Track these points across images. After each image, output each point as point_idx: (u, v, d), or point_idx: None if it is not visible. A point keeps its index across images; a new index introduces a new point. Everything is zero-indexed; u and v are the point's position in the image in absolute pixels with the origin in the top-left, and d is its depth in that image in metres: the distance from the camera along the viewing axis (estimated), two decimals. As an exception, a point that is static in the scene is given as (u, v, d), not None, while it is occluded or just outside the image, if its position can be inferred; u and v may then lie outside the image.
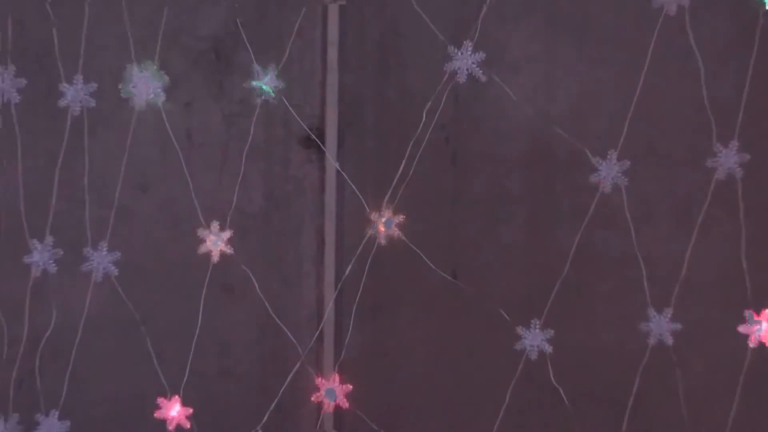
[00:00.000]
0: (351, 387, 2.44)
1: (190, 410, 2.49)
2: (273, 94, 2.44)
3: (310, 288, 2.77)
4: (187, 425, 2.50)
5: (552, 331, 2.36)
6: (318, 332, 2.70)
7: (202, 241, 2.42)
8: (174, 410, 2.47)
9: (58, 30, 2.40)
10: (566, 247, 2.42)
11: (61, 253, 2.42)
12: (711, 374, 2.54)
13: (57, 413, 2.46)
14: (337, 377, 2.47)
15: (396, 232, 2.36)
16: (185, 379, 2.47)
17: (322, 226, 2.74)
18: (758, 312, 2.25)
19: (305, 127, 2.57)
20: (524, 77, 2.62)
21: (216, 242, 2.42)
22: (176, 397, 2.46)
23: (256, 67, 2.40)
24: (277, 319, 2.55)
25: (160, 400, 2.45)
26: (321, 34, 2.68)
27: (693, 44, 2.29)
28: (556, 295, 2.49)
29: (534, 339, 2.39)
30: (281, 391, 2.54)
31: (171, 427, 2.46)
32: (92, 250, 2.43)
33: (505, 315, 2.41)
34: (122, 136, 2.45)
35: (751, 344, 2.25)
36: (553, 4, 2.72)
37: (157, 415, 2.48)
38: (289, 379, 2.55)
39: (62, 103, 2.35)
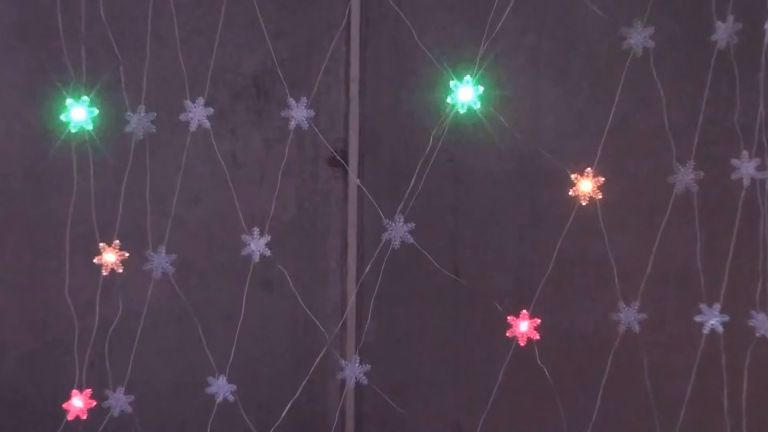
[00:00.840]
0: (369, 367, 2.54)
1: (234, 387, 2.54)
2: (305, 122, 2.51)
3: (335, 284, 2.91)
4: (231, 399, 2.54)
5: (538, 320, 2.45)
6: (342, 321, 2.88)
7: (245, 244, 2.51)
8: (222, 387, 2.52)
9: (124, 68, 2.49)
10: (550, 249, 2.52)
11: (126, 255, 2.49)
12: (671, 356, 2.69)
13: (123, 389, 2.52)
14: (357, 358, 2.56)
15: (407, 237, 2.47)
16: (230, 360, 2.56)
17: (345, 231, 2.90)
18: (710, 305, 2.41)
19: (331, 150, 2.75)
20: (514, 108, 2.70)
21: (256, 245, 2.50)
22: (222, 375, 2.53)
23: (290, 99, 2.48)
24: (307, 310, 2.66)
25: (210, 378, 2.53)
26: (344, 72, 2.79)
27: (656, 79, 2.41)
28: (542, 289, 2.56)
29: (523, 327, 2.49)
30: (311, 370, 2.64)
31: (219, 400, 2.52)
32: (152, 253, 2.52)
33: (499, 307, 2.51)
34: (178, 157, 2.55)
35: (705, 331, 2.41)
36: (538, 47, 2.81)
37: (207, 390, 2.52)
38: (317, 360, 2.66)
39: (128, 129, 2.47)
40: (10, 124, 2.82)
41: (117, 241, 2.58)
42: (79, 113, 2.54)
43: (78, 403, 2.54)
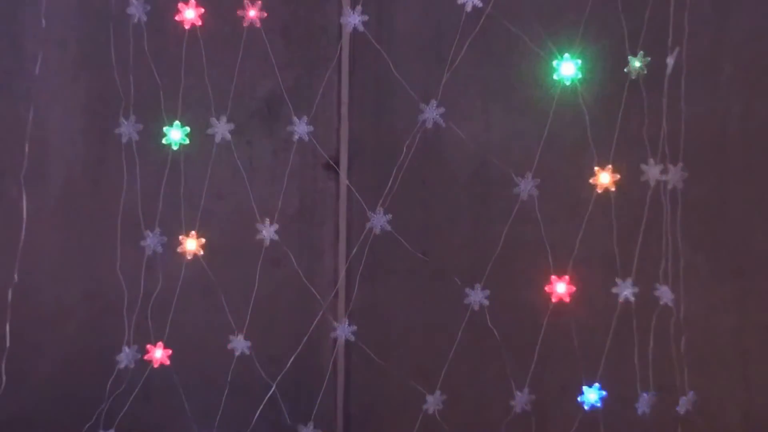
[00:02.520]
0: (356, 327, 2.73)
1: (249, 343, 2.70)
2: (306, 136, 2.70)
3: (329, 262, 2.95)
4: (248, 353, 2.70)
5: (488, 291, 2.65)
6: (334, 291, 2.93)
7: (259, 231, 2.68)
8: (240, 343, 2.69)
9: (163, 92, 2.66)
10: (498, 236, 2.69)
11: (165, 239, 2.69)
12: (594, 320, 2.72)
13: (162, 344, 2.69)
14: (346, 321, 2.74)
15: (386, 225, 2.66)
16: (246, 322, 2.71)
17: (337, 221, 2.95)
18: (624, 279, 2.61)
19: (326, 157, 2.85)
20: (470, 124, 2.81)
21: (267, 232, 2.69)
22: (241, 334, 2.70)
23: (294, 117, 2.68)
24: (307, 283, 2.80)
25: (231, 336, 2.70)
26: (337, 97, 2.87)
27: (581, 101, 2.61)
28: (491, 267, 2.69)
29: (476, 296, 2.67)
30: (310, 330, 2.78)
31: (237, 353, 2.69)
32: (185, 237, 2.70)
33: (458, 281, 2.69)
34: (205, 162, 2.73)
35: (620, 300, 2.62)
36: (489, 76, 2.85)
37: (228, 346, 2.69)
38: (315, 322, 2.80)
39: (167, 141, 2.67)
40: (74, 135, 2.91)
41: (158, 228, 2.71)
42: (128, 129, 2.70)
43: (126, 356, 2.71)
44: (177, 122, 2.69)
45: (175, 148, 2.70)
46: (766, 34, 2.77)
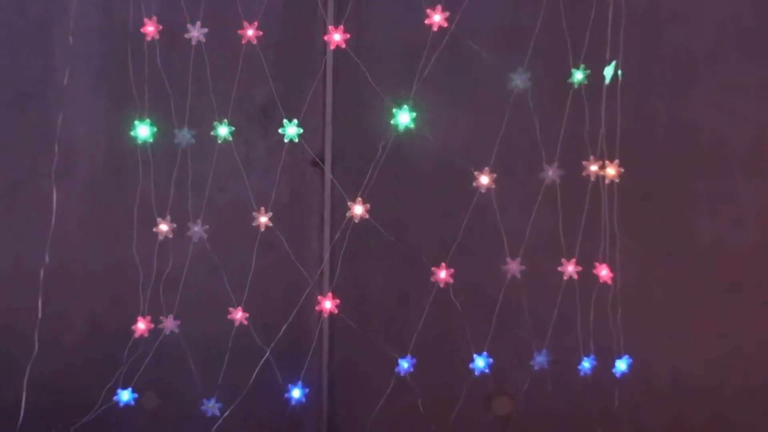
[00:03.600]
0: (339, 301, 2.78)
1: (247, 314, 2.75)
2: (296, 137, 2.75)
3: (315, 245, 2.96)
4: (245, 323, 2.75)
5: (452, 270, 2.72)
6: (320, 270, 2.93)
7: (255, 218, 2.73)
8: (239, 314, 2.75)
9: (173, 100, 2.74)
10: (460, 223, 2.76)
11: (175, 225, 2.75)
12: (542, 294, 2.76)
13: (172, 315, 2.76)
14: (330, 296, 2.80)
15: (364, 214, 2.72)
16: (244, 297, 2.77)
17: (322, 210, 2.96)
18: (569, 260, 2.70)
19: (313, 155, 2.90)
20: (437, 126, 2.83)
21: (263, 219, 2.74)
22: (239, 307, 2.76)
23: (286, 120, 2.74)
24: (297, 263, 2.86)
25: (231, 309, 2.75)
26: (322, 103, 2.90)
27: (531, 107, 2.68)
28: (455, 249, 2.76)
29: (442, 275, 2.71)
30: (299, 303, 2.82)
31: (236, 324, 2.74)
32: (192, 224, 2.77)
33: (426, 261, 2.75)
34: (209, 159, 2.80)
35: (565, 277, 2.71)
36: (452, 85, 2.87)
37: (228, 317, 2.75)
38: (304, 297, 2.84)
39: (175, 141, 2.76)
40: (97, 137, 2.97)
41: (168, 216, 2.77)
42: (143, 130, 2.78)
43: (141, 325, 2.79)
44: (147, 120, 2.73)
45: (183, 147, 2.75)
46: (688, 49, 2.82)
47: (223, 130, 2.73)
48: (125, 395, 2.78)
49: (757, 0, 2.85)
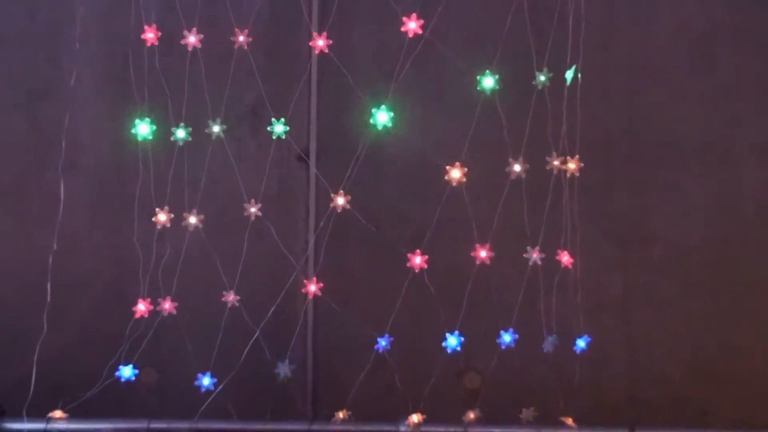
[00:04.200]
0: (322, 284, 2.83)
1: (239, 297, 2.78)
2: (283, 134, 2.81)
3: (301, 233, 3.00)
4: (237, 305, 2.77)
5: (426, 256, 2.75)
6: (305, 256, 2.97)
7: (246, 209, 2.78)
8: (231, 297, 2.78)
9: (171, 101, 2.78)
10: (433, 213, 2.79)
11: (172, 216, 2.79)
12: (509, 279, 2.81)
13: (170, 298, 2.78)
14: (315, 280, 2.83)
15: (346, 205, 2.77)
16: (236, 280, 2.79)
17: (308, 202, 3.01)
18: (533, 247, 2.73)
19: (299, 151, 2.98)
20: (412, 125, 2.90)
21: (253, 209, 2.78)
22: (231, 290, 2.78)
23: (274, 119, 2.80)
24: (284, 250, 2.90)
25: (224, 292, 2.78)
26: (307, 104, 2.97)
27: (499, 108, 2.71)
28: (428, 237, 2.79)
29: (417, 260, 2.74)
30: (286, 286, 2.86)
31: (229, 305, 2.78)
32: (188, 214, 2.79)
33: (402, 247, 2.79)
34: (204, 155, 2.83)
35: (530, 264, 2.74)
36: (426, 88, 2.92)
37: (222, 299, 2.78)
38: (290, 280, 2.87)
39: (174, 138, 2.79)
40: (101, 134, 3.03)
41: (167, 207, 2.80)
42: (143, 129, 2.81)
43: (142, 307, 2.80)
44: (147, 119, 2.78)
45: (180, 143, 2.79)
46: (643, 54, 2.93)
47: (216, 128, 2.78)
48: (126, 371, 2.81)
49: (704, 11, 2.95)
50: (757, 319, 2.95)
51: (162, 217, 2.80)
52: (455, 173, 2.72)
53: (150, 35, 2.77)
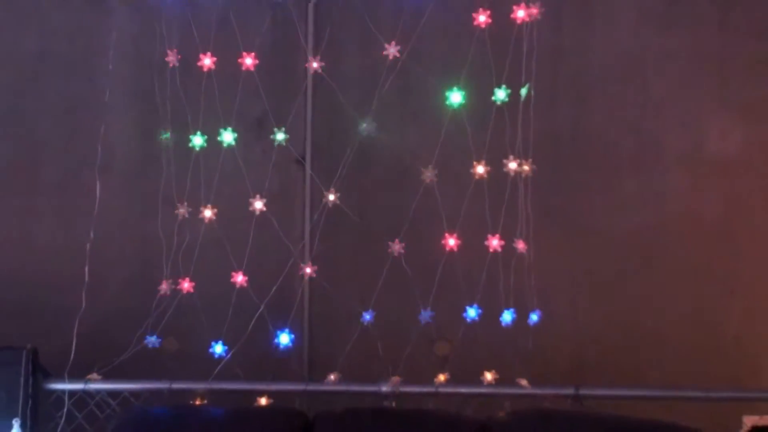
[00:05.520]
0: (316, 267, 2.94)
1: (246, 278, 2.89)
2: (283, 141, 2.93)
3: (298, 224, 3.12)
4: (245, 285, 2.88)
5: (404, 243, 2.84)
6: (302, 244, 3.08)
7: (252, 204, 2.91)
8: (240, 278, 2.90)
9: (191, 113, 2.92)
10: (410, 207, 2.86)
11: (190, 209, 2.93)
12: (473, 263, 2.84)
13: (188, 278, 2.91)
14: (310, 263, 2.95)
15: (336, 200, 2.88)
16: (244, 264, 2.89)
17: (304, 198, 3.13)
18: (493, 236, 2.81)
19: (297, 155, 3.11)
20: (393, 132, 3.02)
21: (258, 204, 2.91)
22: (240, 272, 2.90)
23: (276, 129, 2.93)
24: (284, 238, 3.00)
25: (233, 273, 2.90)
26: (303, 115, 3.09)
27: (465, 121, 2.80)
28: (406, 228, 2.86)
29: (396, 247, 2.85)
30: (286, 269, 2.96)
31: (238, 285, 2.88)
32: (203, 208, 2.93)
33: (385, 237, 2.88)
34: (217, 158, 2.96)
35: (491, 250, 2.81)
36: (405, 103, 3.03)
37: (231, 280, 2.89)
38: (289, 264, 2.98)
39: (191, 144, 2.94)
40: (130, 141, 3.19)
41: (185, 202, 2.94)
42: (165, 135, 2.95)
43: (164, 286, 2.93)
44: (168, 128, 2.92)
45: (197, 149, 2.94)
46: (585, 73, 3.11)
47: (227, 136, 2.95)
48: (152, 340, 2.91)
49: (637, 36, 3.13)
50: (681, 294, 3.11)
51: (182, 210, 2.94)
52: (428, 174, 2.82)
53: (172, 58, 2.93)
